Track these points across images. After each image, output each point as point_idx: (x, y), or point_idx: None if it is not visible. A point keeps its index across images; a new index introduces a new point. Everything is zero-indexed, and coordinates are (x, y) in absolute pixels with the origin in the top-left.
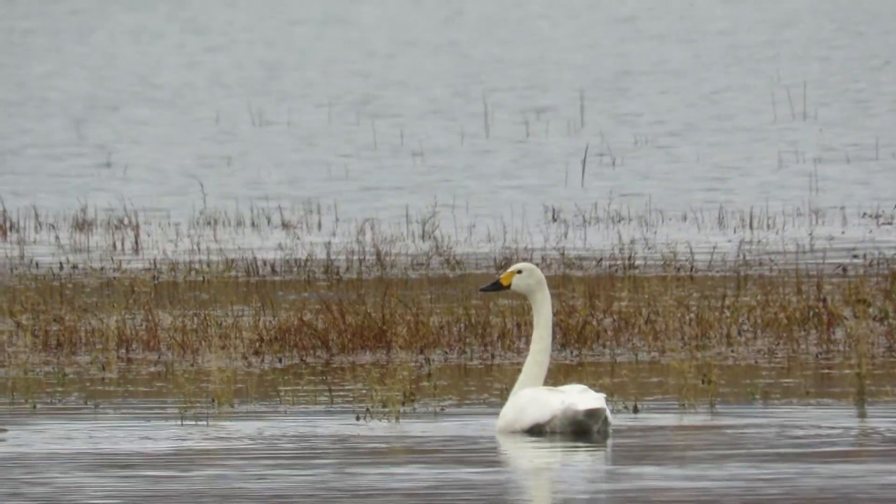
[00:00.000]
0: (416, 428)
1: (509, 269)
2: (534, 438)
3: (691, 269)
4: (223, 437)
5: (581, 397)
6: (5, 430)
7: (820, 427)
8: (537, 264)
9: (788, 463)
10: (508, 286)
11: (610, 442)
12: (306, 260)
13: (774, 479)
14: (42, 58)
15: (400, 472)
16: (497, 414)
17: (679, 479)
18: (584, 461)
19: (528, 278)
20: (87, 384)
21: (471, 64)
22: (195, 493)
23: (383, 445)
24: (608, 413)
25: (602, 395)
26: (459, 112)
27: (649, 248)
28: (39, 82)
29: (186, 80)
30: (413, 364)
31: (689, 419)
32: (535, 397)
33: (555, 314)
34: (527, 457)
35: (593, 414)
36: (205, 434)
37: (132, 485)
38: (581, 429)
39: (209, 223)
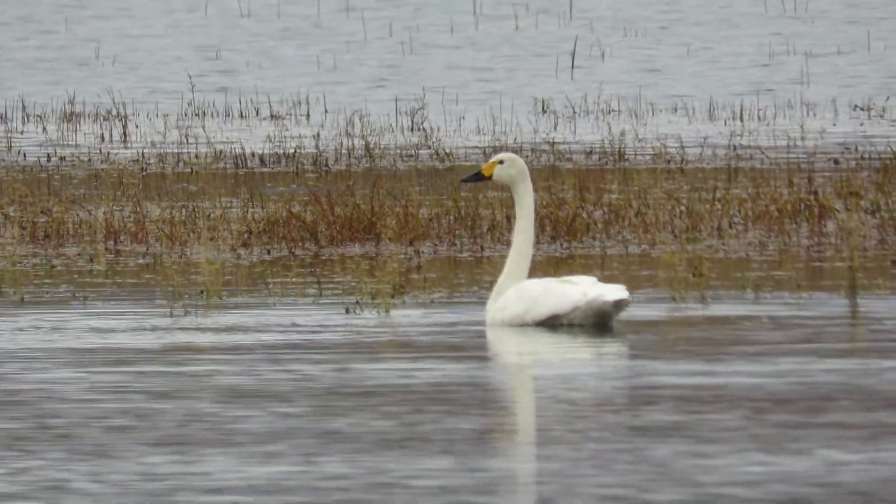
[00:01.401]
0: (409, 321)
1: (491, 160)
2: (528, 333)
3: (682, 162)
4: (213, 331)
5: (606, 288)
6: None
7: (816, 320)
8: (527, 156)
9: (794, 357)
10: (490, 177)
11: (609, 335)
12: (295, 152)
13: (782, 375)
14: None
15: (399, 368)
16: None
17: (688, 374)
18: (588, 356)
19: (510, 168)
20: (75, 276)
21: None
22: (191, 388)
23: (378, 339)
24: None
25: (624, 287)
26: (448, 4)
27: (639, 141)
28: None
29: None
30: (402, 256)
31: (683, 312)
32: (548, 288)
33: (545, 206)
34: (526, 352)
35: (621, 304)
36: (195, 327)
37: (123, 379)
38: (604, 320)
39: (197, 114)
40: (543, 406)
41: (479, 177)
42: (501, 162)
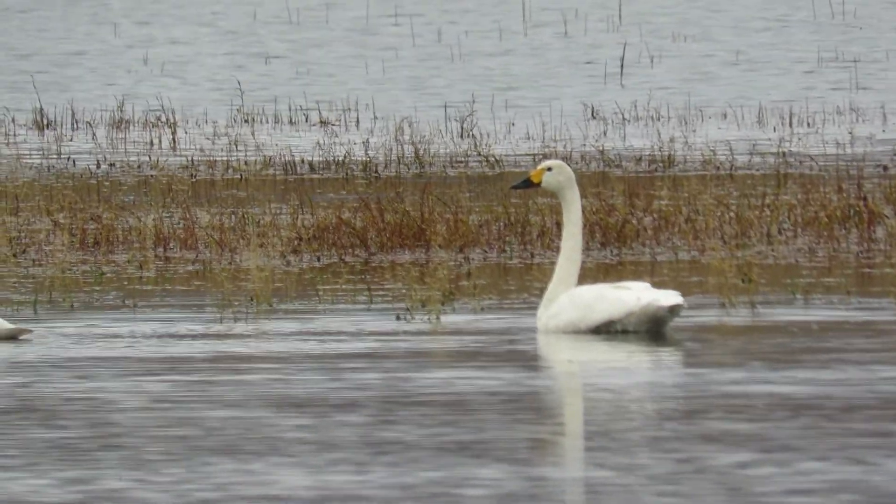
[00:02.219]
0: (460, 328)
1: (539, 167)
2: (582, 339)
3: (731, 168)
4: (265, 339)
5: (661, 294)
6: (30, 332)
7: (870, 327)
8: (576, 163)
9: (851, 365)
10: (539, 183)
11: (663, 343)
12: (344, 158)
13: (840, 383)
14: None
15: (453, 376)
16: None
17: (746, 382)
18: (644, 363)
19: (559, 175)
20: (125, 283)
21: None
22: (245, 397)
23: (431, 347)
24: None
25: (678, 292)
26: (498, 9)
27: (689, 147)
28: None
29: None
30: (452, 263)
31: (736, 318)
32: (601, 294)
33: (595, 213)
34: (581, 359)
35: (675, 310)
36: (245, 335)
37: (175, 388)
38: (658, 326)
39: (247, 121)
40: (599, 414)
41: (528, 183)
42: (550, 169)
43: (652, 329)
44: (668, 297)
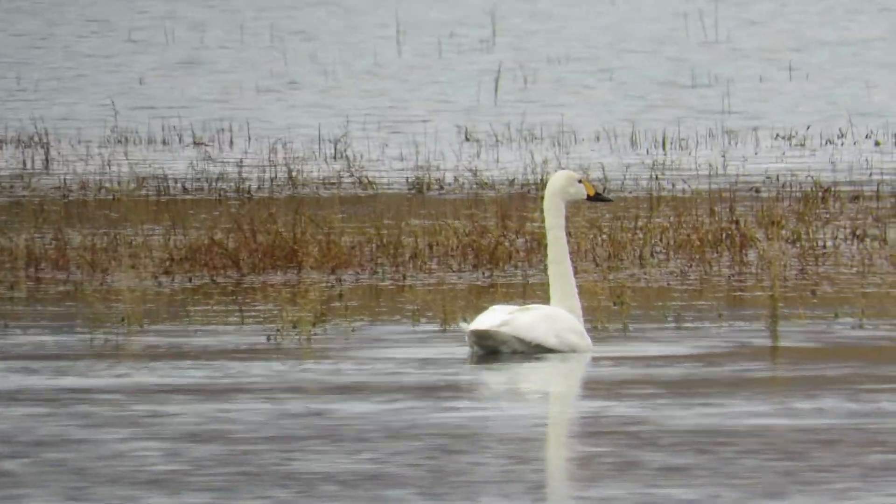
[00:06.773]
0: (334, 353)
1: None
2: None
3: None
4: (142, 365)
5: (481, 318)
6: None
7: (755, 356)
8: (449, 184)
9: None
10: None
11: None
12: (217, 178)
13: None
14: None
15: (334, 407)
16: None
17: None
18: (548, 392)
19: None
20: None
21: None
22: (149, 433)
23: (305, 373)
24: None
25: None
26: (372, 30)
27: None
28: None
29: None
30: (324, 284)
31: (616, 346)
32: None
33: (467, 234)
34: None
35: (482, 335)
36: (119, 361)
37: (67, 423)
38: (484, 351)
39: (120, 141)
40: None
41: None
42: None
43: (488, 350)
44: (479, 322)
